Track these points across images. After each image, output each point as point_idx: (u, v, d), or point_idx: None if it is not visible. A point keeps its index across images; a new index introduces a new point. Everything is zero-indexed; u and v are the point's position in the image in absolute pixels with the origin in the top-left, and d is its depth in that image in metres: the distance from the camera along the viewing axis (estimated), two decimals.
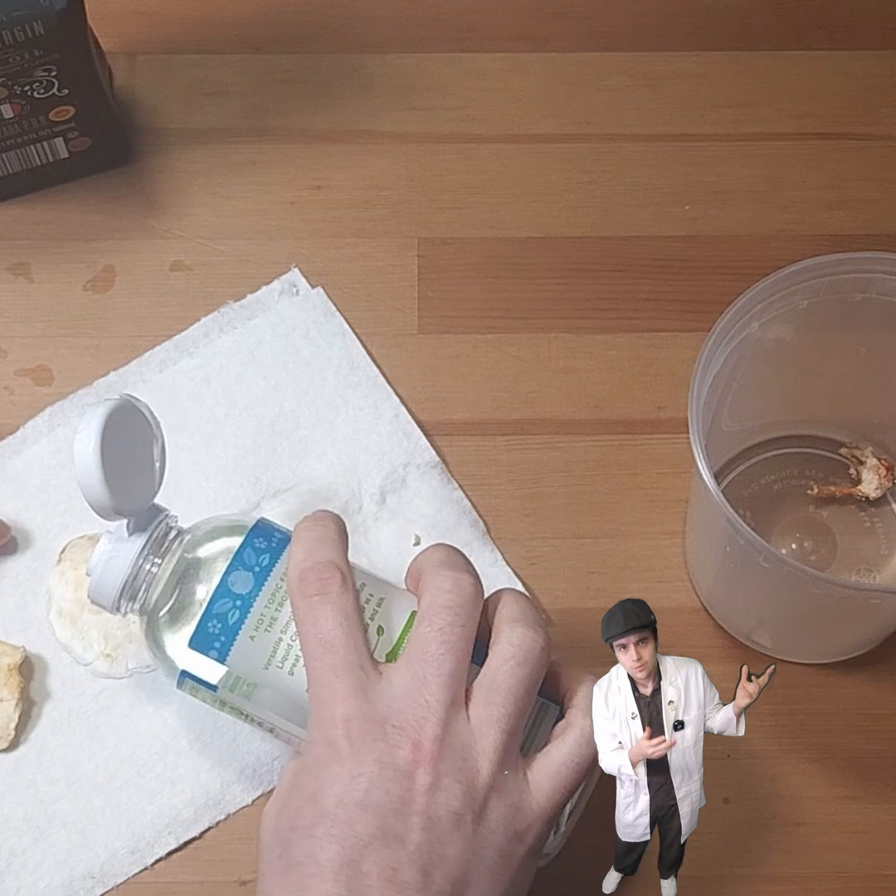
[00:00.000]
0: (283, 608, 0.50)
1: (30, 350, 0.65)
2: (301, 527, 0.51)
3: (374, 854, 0.45)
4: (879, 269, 0.53)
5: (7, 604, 0.60)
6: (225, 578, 0.50)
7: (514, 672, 0.48)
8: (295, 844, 0.46)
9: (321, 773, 0.47)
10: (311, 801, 0.47)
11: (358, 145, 0.69)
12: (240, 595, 0.50)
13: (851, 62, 0.71)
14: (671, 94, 0.71)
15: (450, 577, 0.49)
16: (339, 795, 0.46)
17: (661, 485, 0.63)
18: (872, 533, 0.62)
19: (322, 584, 0.49)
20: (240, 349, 0.65)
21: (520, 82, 0.71)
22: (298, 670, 0.50)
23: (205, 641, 0.50)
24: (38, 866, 0.56)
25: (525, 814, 0.47)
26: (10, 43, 0.59)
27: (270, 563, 0.51)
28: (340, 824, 0.46)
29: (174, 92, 0.70)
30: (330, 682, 0.47)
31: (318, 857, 0.46)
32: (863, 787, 0.58)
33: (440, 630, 0.48)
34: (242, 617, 0.50)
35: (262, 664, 0.50)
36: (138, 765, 0.58)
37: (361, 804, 0.46)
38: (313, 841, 0.46)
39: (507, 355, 0.65)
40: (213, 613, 0.50)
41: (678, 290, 0.66)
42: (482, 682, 0.48)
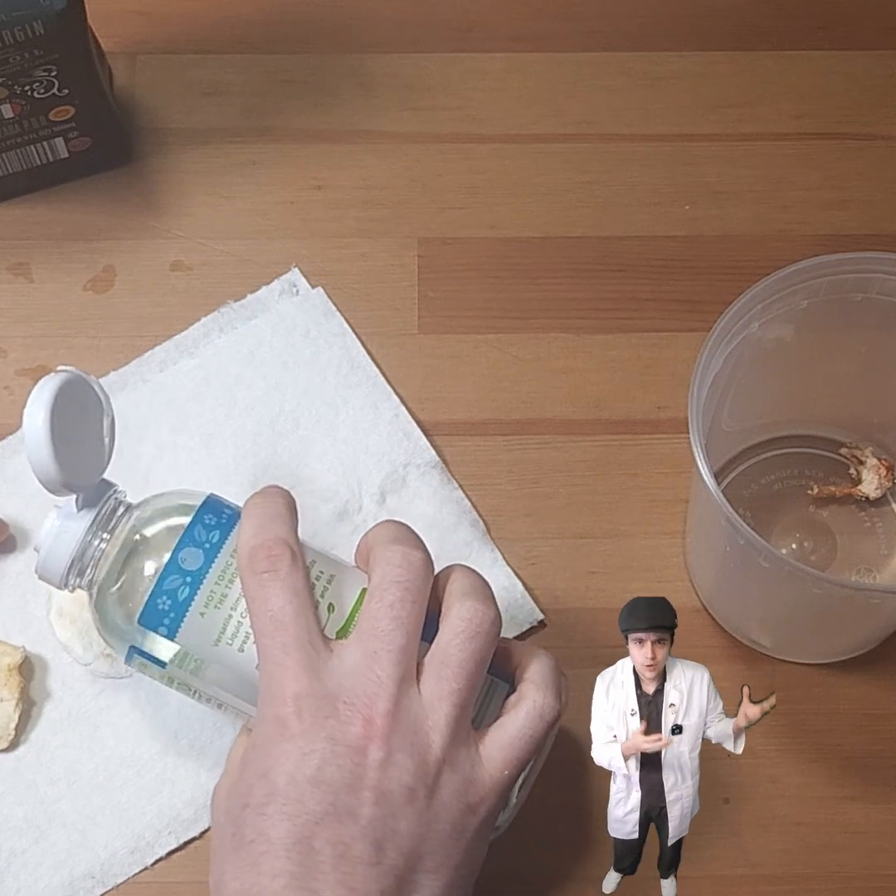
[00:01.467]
0: (233, 585, 0.50)
1: (30, 350, 0.65)
2: (250, 503, 0.51)
3: (326, 830, 0.45)
4: (879, 269, 0.53)
5: (7, 604, 0.60)
6: (175, 555, 0.50)
7: (464, 646, 0.48)
8: (247, 823, 0.46)
9: (272, 751, 0.47)
10: (262, 779, 0.46)
11: (358, 145, 0.69)
12: (189, 571, 0.50)
13: (851, 62, 0.71)
14: (671, 94, 0.71)
15: (399, 551, 0.49)
16: (291, 773, 0.46)
17: (661, 485, 0.63)
18: (872, 533, 0.62)
19: (271, 560, 0.48)
20: (240, 349, 0.65)
21: (520, 82, 0.71)
22: (248, 647, 0.49)
23: (154, 618, 0.50)
24: (38, 866, 0.56)
25: (477, 787, 0.48)
26: (10, 43, 0.59)
27: (220, 539, 0.51)
28: (292, 802, 0.46)
29: (174, 92, 0.70)
30: (280, 659, 0.47)
31: (270, 835, 0.45)
32: (863, 787, 0.58)
33: (390, 605, 0.48)
34: (192, 593, 0.50)
35: (212, 641, 0.50)
36: (138, 765, 0.58)
37: (313, 781, 0.46)
38: (265, 819, 0.46)
39: (507, 355, 0.65)
40: (163, 590, 0.50)
41: (678, 290, 0.66)
42: (433, 657, 0.48)
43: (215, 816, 0.49)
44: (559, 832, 0.57)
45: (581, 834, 0.57)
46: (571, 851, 0.57)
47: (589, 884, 0.56)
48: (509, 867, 0.57)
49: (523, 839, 0.56)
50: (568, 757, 0.56)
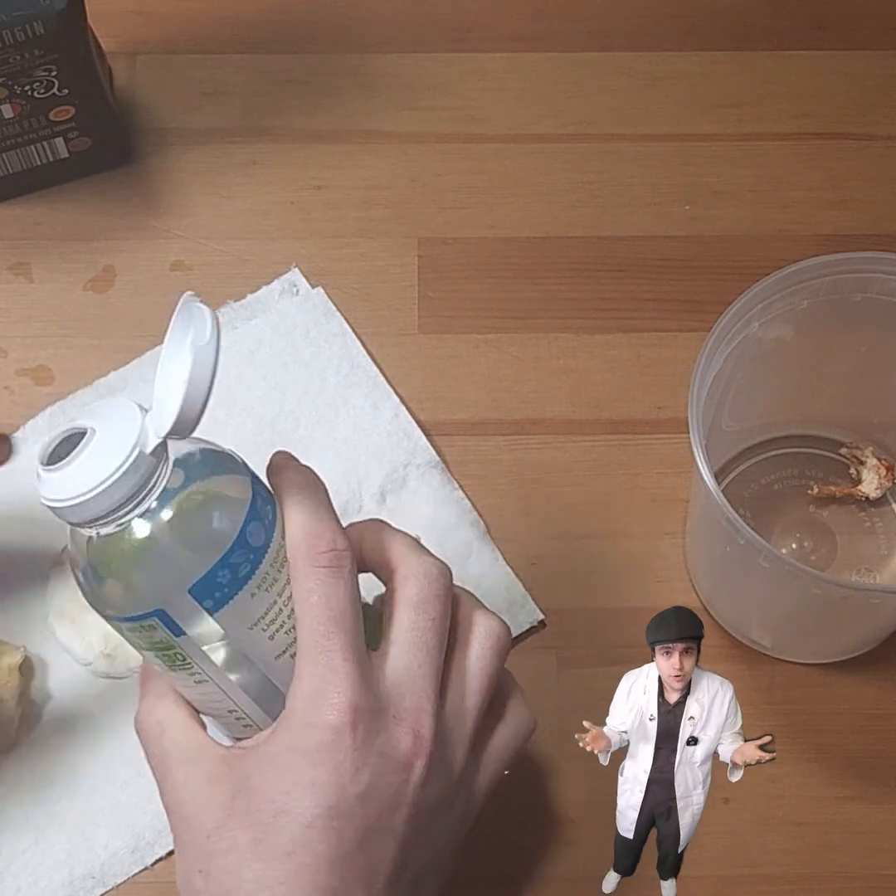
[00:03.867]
0: (283, 570, 0.46)
1: (30, 350, 0.65)
2: (294, 485, 0.47)
3: (367, 847, 0.45)
4: (879, 269, 0.53)
5: (7, 604, 0.60)
6: (244, 527, 0.45)
7: (486, 663, 0.48)
8: (283, 831, 0.45)
9: (323, 760, 0.46)
10: (308, 789, 0.45)
11: (358, 145, 0.69)
12: (253, 548, 0.45)
13: (851, 62, 0.71)
14: (671, 94, 0.71)
15: (436, 565, 0.48)
16: (344, 786, 0.45)
17: (661, 485, 0.63)
18: (872, 533, 0.62)
19: (335, 556, 0.46)
20: (240, 349, 0.65)
21: (520, 82, 0.71)
22: (279, 637, 0.47)
23: (207, 589, 0.44)
24: (39, 866, 0.56)
25: (476, 798, 0.48)
26: (11, 43, 0.59)
27: (273, 515, 0.46)
28: (342, 816, 0.45)
29: (174, 92, 0.70)
30: (339, 665, 0.46)
31: (316, 849, 0.45)
32: (863, 787, 0.58)
33: (433, 620, 0.47)
34: (251, 572, 0.45)
35: (250, 623, 0.46)
36: (138, 765, 0.58)
37: (364, 797, 0.45)
38: (311, 831, 0.45)
39: (507, 355, 0.65)
40: (228, 563, 0.44)
41: (678, 290, 0.66)
42: (458, 672, 0.48)
43: (206, 813, 0.47)
44: (562, 831, 0.57)
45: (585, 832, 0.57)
46: (576, 851, 0.57)
47: (591, 883, 0.56)
48: (508, 869, 0.57)
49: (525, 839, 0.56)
50: (568, 755, 0.56)
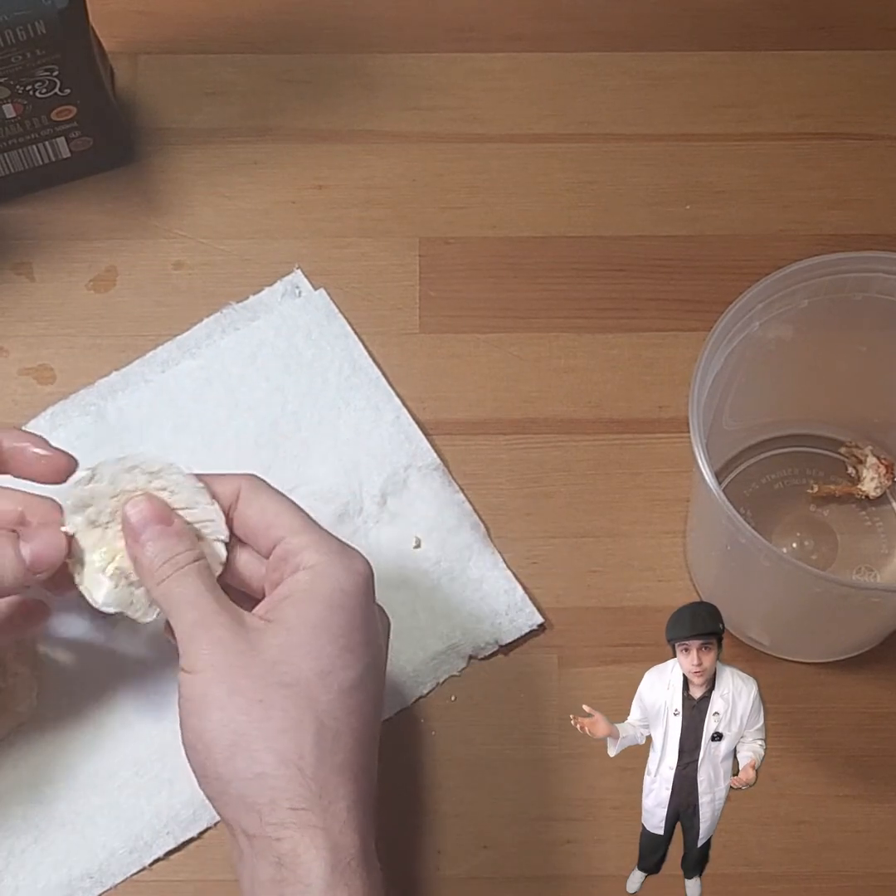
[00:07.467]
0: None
1: (32, 349, 0.65)
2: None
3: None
4: (880, 268, 0.53)
5: None
6: None
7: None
8: (329, 782, 0.47)
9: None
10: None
11: (359, 145, 0.69)
12: None
13: (852, 62, 0.71)
14: (672, 94, 0.71)
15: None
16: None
17: (661, 484, 0.63)
18: (873, 532, 0.62)
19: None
20: (242, 350, 0.65)
21: (520, 82, 0.71)
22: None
23: None
24: (37, 866, 0.56)
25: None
26: (12, 42, 0.59)
27: None
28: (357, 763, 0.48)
29: (176, 92, 0.70)
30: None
31: (352, 796, 0.47)
32: (863, 785, 0.58)
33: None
34: None
35: None
36: (137, 765, 0.58)
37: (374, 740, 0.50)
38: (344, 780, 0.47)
39: (508, 355, 0.65)
40: None
41: (678, 289, 0.66)
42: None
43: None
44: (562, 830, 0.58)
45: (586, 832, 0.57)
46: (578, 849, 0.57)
47: (592, 882, 0.56)
48: (508, 869, 0.57)
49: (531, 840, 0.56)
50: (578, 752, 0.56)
